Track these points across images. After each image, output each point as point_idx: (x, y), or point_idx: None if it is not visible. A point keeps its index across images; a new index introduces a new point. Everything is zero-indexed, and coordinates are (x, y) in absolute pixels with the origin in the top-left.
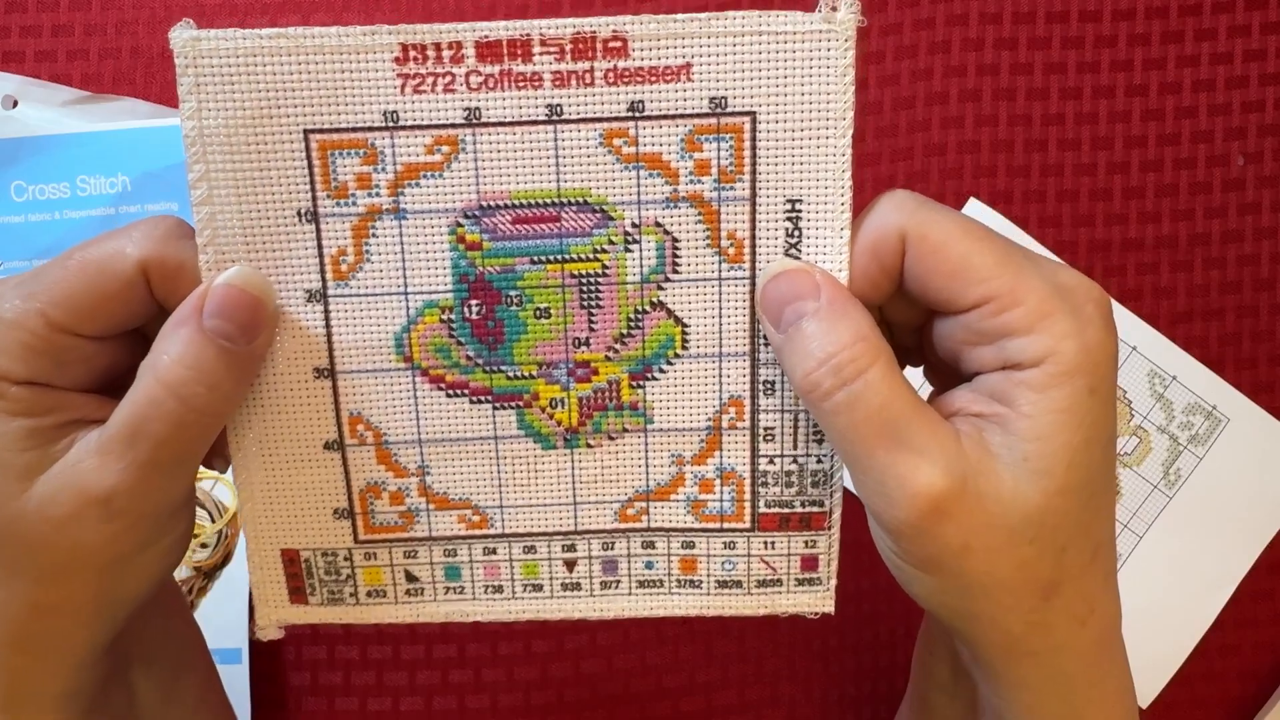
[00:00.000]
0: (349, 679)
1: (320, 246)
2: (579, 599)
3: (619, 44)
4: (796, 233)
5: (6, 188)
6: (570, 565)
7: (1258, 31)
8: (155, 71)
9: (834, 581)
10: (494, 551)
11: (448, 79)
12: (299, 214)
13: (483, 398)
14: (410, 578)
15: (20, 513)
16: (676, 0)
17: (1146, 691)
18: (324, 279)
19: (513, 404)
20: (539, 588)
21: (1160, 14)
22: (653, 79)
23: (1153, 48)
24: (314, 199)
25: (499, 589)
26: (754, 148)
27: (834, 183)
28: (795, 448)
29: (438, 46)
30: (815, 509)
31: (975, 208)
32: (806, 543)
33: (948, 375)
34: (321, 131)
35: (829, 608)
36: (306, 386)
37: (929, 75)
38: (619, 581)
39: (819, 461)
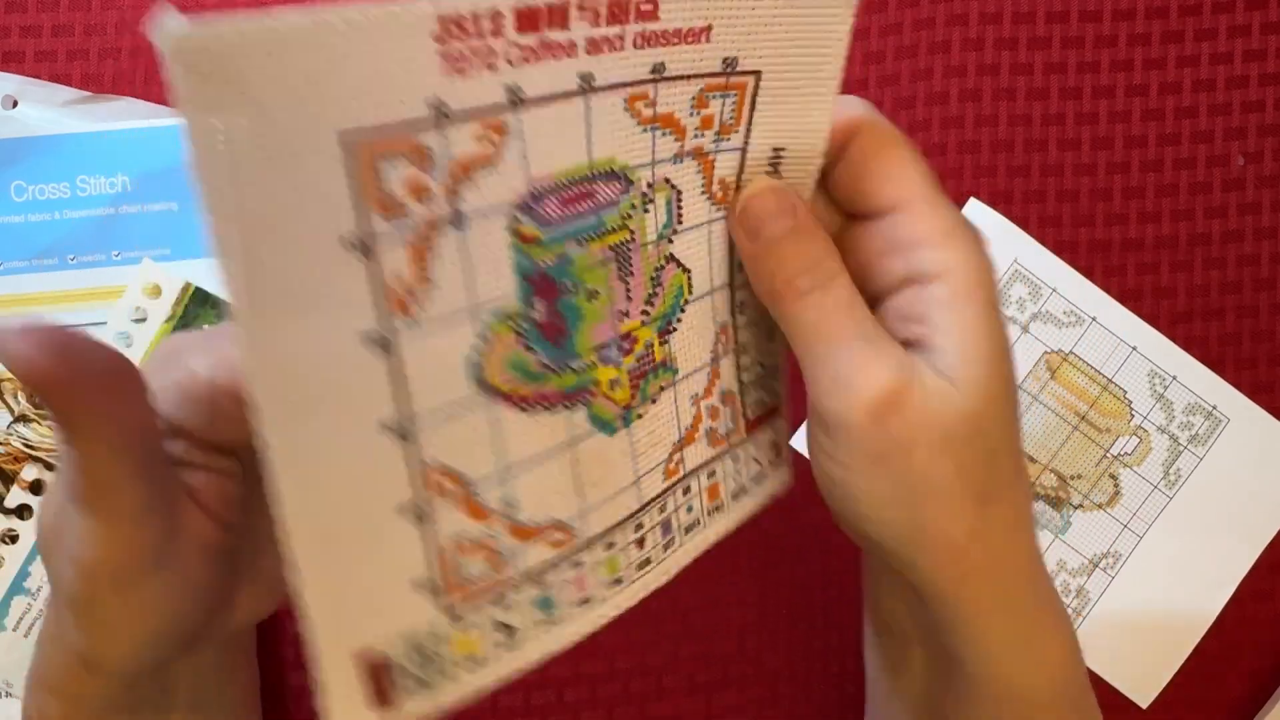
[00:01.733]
0: None
1: (376, 277)
2: (650, 573)
3: (650, 6)
4: (775, 175)
5: (6, 188)
6: (640, 544)
7: (1258, 31)
8: (155, 71)
9: (790, 455)
10: (580, 564)
11: (489, 55)
12: (343, 241)
13: (556, 403)
14: (503, 628)
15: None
16: None
17: (1146, 691)
18: (383, 316)
19: (581, 399)
20: (618, 581)
21: (1160, 14)
22: (676, 40)
23: (1153, 48)
24: (361, 220)
25: (587, 600)
26: (753, 103)
27: (815, 134)
28: (759, 353)
29: (476, 17)
30: (775, 400)
31: (975, 208)
32: (774, 430)
33: None
34: (361, 133)
35: (791, 479)
36: (371, 446)
37: (929, 75)
38: (673, 538)
39: (771, 357)
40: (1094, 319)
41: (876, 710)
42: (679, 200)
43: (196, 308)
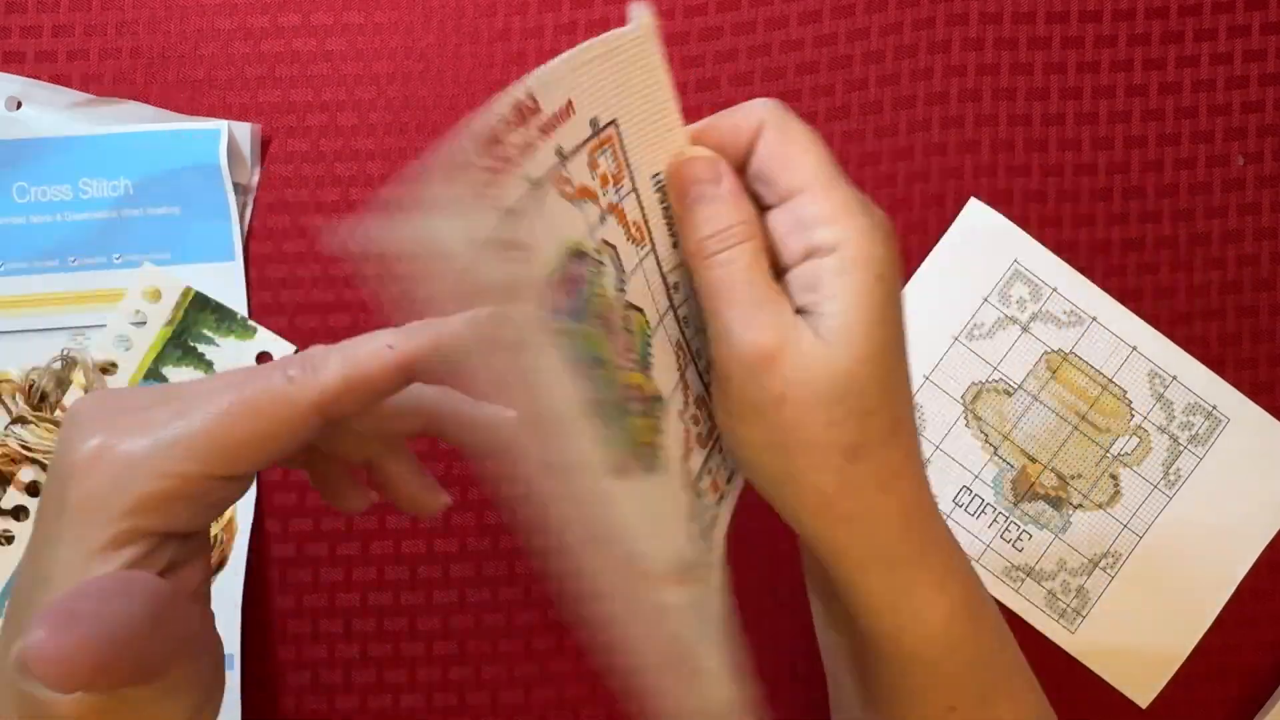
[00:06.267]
0: (349, 678)
1: None
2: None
3: (533, 103)
4: (664, 198)
5: (9, 189)
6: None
7: (1258, 32)
8: (155, 72)
9: None
10: None
11: (483, 183)
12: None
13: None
14: None
15: None
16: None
17: (1146, 691)
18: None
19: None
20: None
21: (1160, 14)
22: (558, 122)
23: (1153, 48)
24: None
25: None
26: (624, 148)
27: (673, 148)
28: (709, 353)
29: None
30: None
31: (975, 208)
32: None
33: None
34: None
35: None
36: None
37: (929, 75)
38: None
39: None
40: (1094, 319)
41: (828, 666)
42: (617, 254)
43: (196, 312)
